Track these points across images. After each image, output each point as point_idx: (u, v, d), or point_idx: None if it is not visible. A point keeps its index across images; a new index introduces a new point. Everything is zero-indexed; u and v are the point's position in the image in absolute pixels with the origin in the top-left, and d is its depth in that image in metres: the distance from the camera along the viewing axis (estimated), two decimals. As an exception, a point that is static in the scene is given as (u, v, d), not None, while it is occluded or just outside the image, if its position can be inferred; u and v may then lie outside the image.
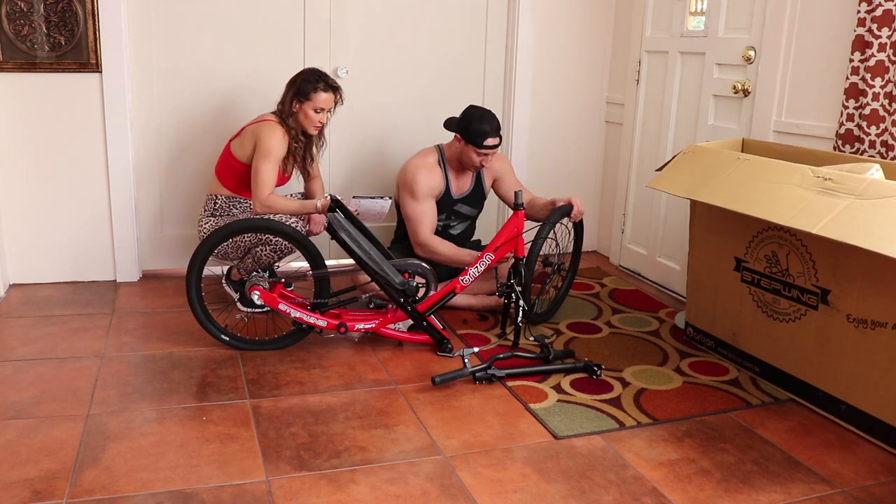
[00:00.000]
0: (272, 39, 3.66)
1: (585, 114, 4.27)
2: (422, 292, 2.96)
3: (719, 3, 3.39)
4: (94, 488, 2.00)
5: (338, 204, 2.86)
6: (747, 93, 3.26)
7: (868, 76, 2.64)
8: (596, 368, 2.75)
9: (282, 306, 2.82)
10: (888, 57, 2.61)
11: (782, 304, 2.64)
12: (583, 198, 4.36)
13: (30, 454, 2.14)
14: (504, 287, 2.99)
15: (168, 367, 2.74)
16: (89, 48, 3.37)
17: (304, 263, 2.91)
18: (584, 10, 4.12)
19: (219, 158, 3.24)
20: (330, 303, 2.96)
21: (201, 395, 2.54)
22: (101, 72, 3.40)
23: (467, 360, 2.70)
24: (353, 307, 3.06)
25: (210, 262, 2.90)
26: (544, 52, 4.08)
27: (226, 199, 3.20)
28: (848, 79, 2.73)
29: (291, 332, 2.93)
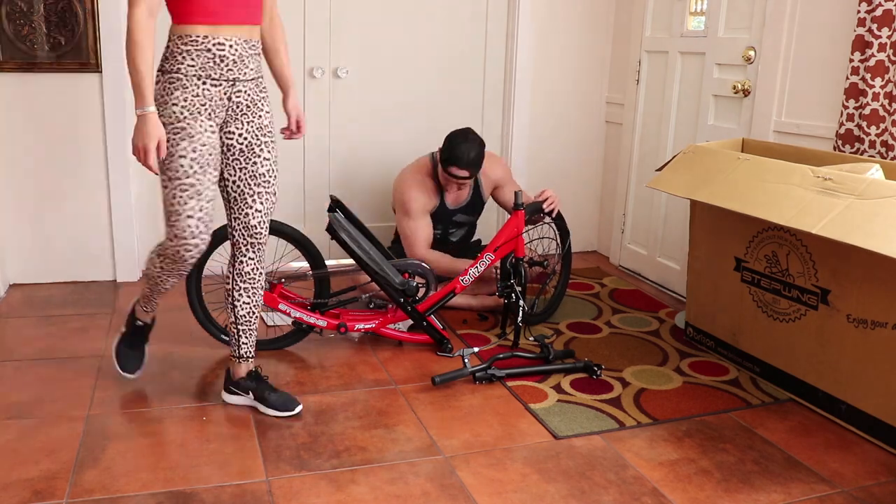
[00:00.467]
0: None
1: (585, 114, 4.27)
2: (422, 292, 2.96)
3: (719, 3, 3.39)
4: (94, 488, 2.00)
5: (338, 204, 2.86)
6: (747, 93, 3.26)
7: (868, 76, 2.64)
8: (596, 368, 2.75)
9: (282, 306, 2.82)
10: (888, 57, 2.61)
11: (782, 304, 2.64)
12: (583, 198, 4.37)
13: (30, 454, 2.14)
14: (504, 287, 2.99)
15: (168, 367, 2.74)
16: (89, 48, 3.37)
17: (304, 263, 2.91)
18: (584, 11, 4.12)
19: None
20: (330, 303, 2.96)
21: (201, 395, 2.54)
22: (101, 72, 3.40)
23: (467, 360, 2.70)
24: (353, 307, 3.06)
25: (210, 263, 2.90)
26: (544, 52, 4.08)
27: None
28: (848, 79, 2.73)
29: (291, 332, 2.93)
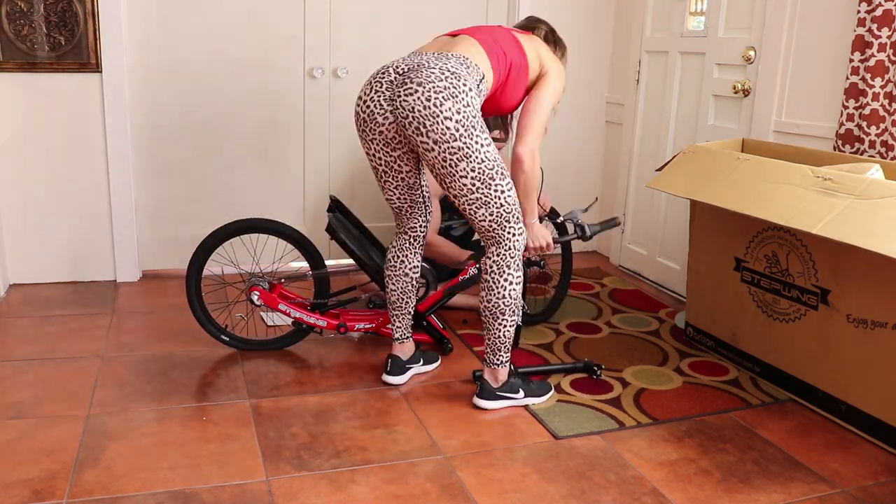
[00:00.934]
0: (273, 40, 3.66)
1: (585, 114, 4.27)
2: (422, 292, 2.96)
3: (719, 3, 3.39)
4: (94, 488, 2.00)
5: (337, 204, 2.86)
6: (747, 93, 3.26)
7: (868, 76, 2.64)
8: (596, 368, 2.75)
9: (282, 306, 2.82)
10: (888, 57, 2.61)
11: (782, 304, 2.64)
12: (583, 198, 4.37)
13: (30, 454, 2.14)
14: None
15: (168, 367, 2.74)
16: (89, 48, 3.37)
17: (303, 263, 2.91)
18: (584, 11, 4.12)
19: None
20: (330, 303, 2.96)
21: (201, 395, 2.54)
22: (101, 72, 3.40)
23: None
24: (352, 307, 3.06)
25: (210, 263, 2.90)
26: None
27: None
28: (848, 79, 2.73)
29: (291, 332, 2.93)
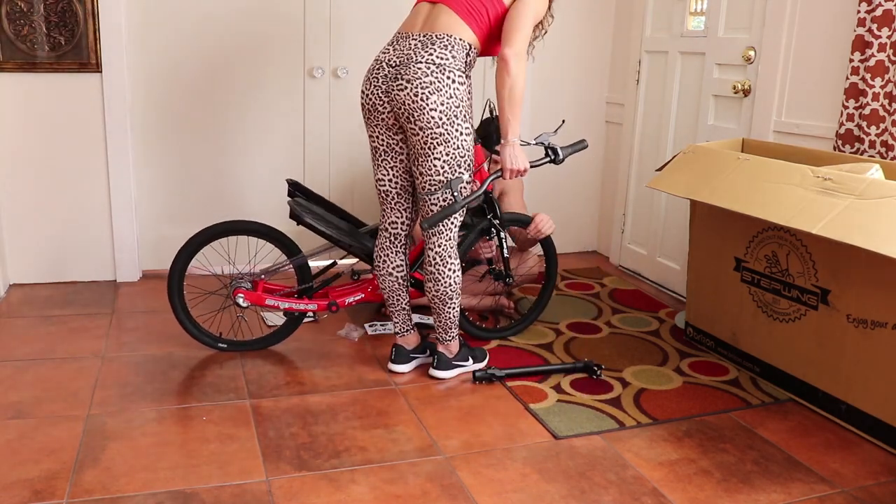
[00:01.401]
0: (273, 40, 3.66)
1: (585, 114, 4.27)
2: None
3: (719, 3, 3.39)
4: (94, 488, 2.00)
5: (296, 186, 2.82)
6: (747, 93, 3.26)
7: (868, 76, 2.64)
8: (596, 368, 2.75)
9: (269, 301, 2.80)
10: (888, 57, 2.61)
11: (782, 304, 2.64)
12: (583, 198, 4.37)
13: (30, 454, 2.14)
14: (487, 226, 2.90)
15: (168, 367, 2.74)
16: (89, 48, 3.37)
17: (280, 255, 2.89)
18: (584, 11, 4.12)
19: None
20: (315, 285, 2.94)
21: (201, 395, 2.54)
22: (101, 72, 3.40)
23: (456, 193, 2.43)
24: (337, 283, 3.04)
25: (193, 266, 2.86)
26: (544, 51, 4.07)
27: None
28: (848, 79, 2.73)
29: (287, 323, 2.92)
